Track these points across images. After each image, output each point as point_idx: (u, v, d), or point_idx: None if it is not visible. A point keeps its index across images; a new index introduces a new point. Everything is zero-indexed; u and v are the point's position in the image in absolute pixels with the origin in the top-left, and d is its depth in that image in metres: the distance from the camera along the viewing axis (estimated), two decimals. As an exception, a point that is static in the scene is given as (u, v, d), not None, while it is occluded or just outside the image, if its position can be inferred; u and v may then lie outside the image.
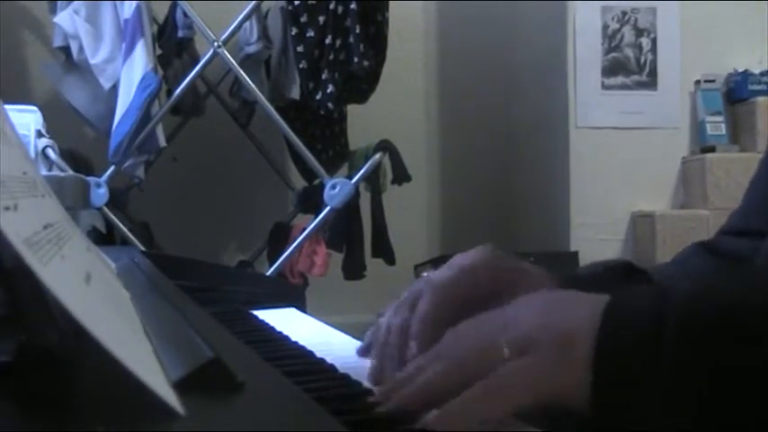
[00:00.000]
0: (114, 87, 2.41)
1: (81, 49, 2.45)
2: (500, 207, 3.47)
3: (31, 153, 2.19)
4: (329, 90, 2.48)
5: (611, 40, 2.99)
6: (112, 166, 2.43)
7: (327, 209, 2.43)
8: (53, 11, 2.53)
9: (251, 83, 2.47)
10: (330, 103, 2.50)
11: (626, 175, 2.96)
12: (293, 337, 0.73)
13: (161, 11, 2.68)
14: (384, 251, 2.56)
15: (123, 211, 2.76)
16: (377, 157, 2.43)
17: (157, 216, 2.90)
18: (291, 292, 1.13)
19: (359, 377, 0.56)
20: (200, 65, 2.47)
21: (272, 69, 2.64)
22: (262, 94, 2.48)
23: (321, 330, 0.86)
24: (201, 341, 0.39)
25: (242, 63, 2.53)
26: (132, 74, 2.36)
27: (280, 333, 0.77)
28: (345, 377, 0.56)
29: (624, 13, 3.00)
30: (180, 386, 0.31)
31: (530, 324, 0.47)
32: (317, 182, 2.73)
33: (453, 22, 3.50)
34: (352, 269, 2.53)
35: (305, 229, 2.52)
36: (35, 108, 2.25)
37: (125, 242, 2.46)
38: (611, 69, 2.99)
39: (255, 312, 0.92)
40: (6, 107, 0.45)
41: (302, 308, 1.05)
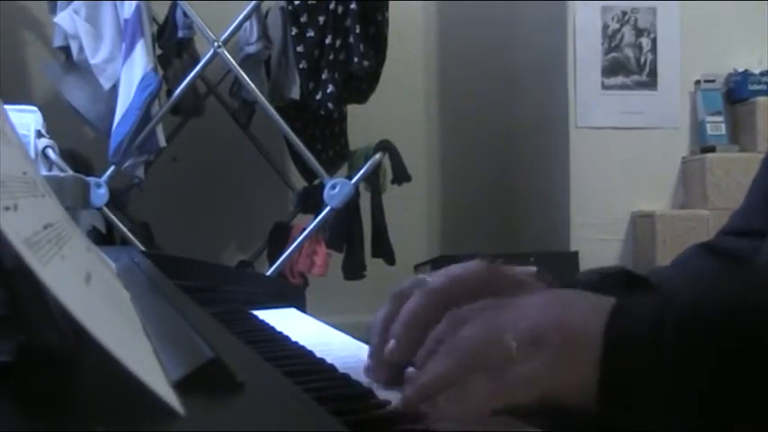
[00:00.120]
0: (114, 87, 2.41)
1: (81, 49, 2.45)
2: (500, 207, 3.47)
3: (31, 153, 2.19)
4: (329, 90, 2.48)
5: (611, 40, 2.99)
6: (112, 166, 2.43)
7: (327, 209, 2.43)
8: (53, 11, 2.53)
9: (251, 83, 2.47)
10: (330, 103, 2.50)
11: (626, 175, 2.96)
12: (293, 337, 0.73)
13: (161, 11, 2.68)
14: (384, 251, 2.56)
15: (123, 211, 2.76)
16: (377, 157, 2.43)
17: (157, 216, 2.91)
18: (291, 292, 1.13)
19: (359, 377, 0.56)
20: (200, 65, 2.47)
21: (272, 69, 2.64)
22: (262, 94, 2.48)
23: (321, 330, 0.86)
24: (201, 341, 0.39)
25: (242, 63, 2.54)
26: (132, 74, 2.36)
27: (280, 333, 0.77)
28: (345, 377, 0.56)
29: (624, 13, 3.00)
30: (180, 386, 0.31)
31: (538, 320, 0.47)
32: (316, 182, 2.73)
33: (453, 22, 3.50)
34: (352, 269, 2.54)
35: (305, 229, 2.52)
36: (35, 108, 2.25)
37: (125, 242, 2.47)
38: (611, 69, 2.99)
39: (255, 312, 0.92)
40: (6, 107, 0.45)
41: (302, 308, 1.05)
